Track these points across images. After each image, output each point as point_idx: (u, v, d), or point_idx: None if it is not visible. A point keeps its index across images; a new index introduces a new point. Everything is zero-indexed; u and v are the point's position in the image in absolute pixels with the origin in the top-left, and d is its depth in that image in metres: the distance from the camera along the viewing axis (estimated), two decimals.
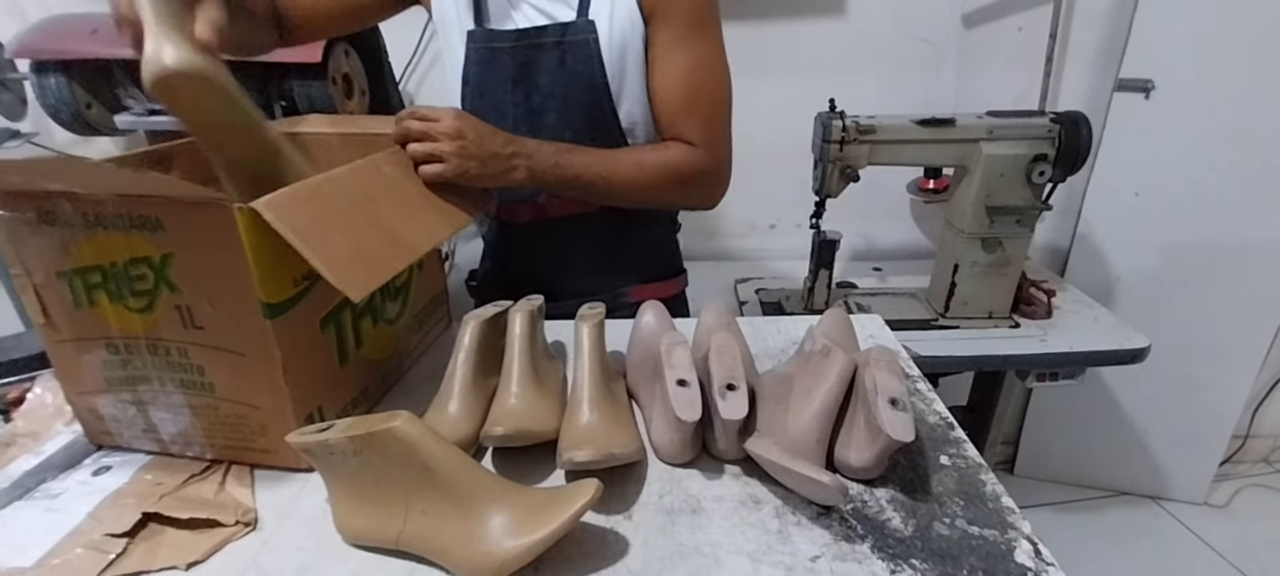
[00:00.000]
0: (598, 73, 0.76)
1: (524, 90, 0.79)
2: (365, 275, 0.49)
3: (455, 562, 0.44)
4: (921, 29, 1.44)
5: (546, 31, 0.77)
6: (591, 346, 0.59)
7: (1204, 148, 1.38)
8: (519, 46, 0.77)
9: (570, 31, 0.76)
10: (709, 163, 0.79)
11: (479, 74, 0.80)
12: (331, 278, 0.46)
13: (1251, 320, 1.49)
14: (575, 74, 0.77)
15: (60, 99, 1.09)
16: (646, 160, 0.77)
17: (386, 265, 0.52)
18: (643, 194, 0.78)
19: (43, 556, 0.45)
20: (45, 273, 0.50)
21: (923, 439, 0.58)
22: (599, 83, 0.77)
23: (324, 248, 0.47)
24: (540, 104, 0.79)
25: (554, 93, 0.78)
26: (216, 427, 0.54)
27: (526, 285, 0.88)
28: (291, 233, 0.45)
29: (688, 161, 0.78)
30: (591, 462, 0.49)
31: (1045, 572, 0.44)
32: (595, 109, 0.78)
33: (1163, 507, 1.70)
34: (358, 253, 0.50)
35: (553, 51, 0.77)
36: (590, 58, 0.76)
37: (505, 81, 0.79)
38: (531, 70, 0.78)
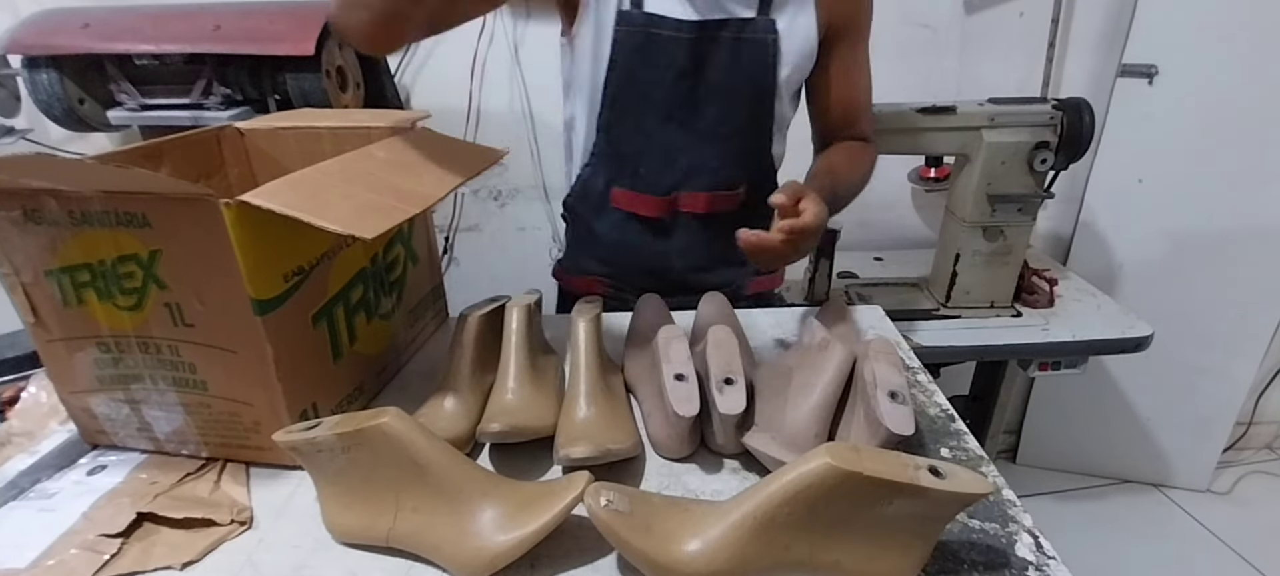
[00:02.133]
0: (769, 74, 0.77)
1: (690, 81, 0.77)
2: (374, 221, 0.46)
3: (446, 558, 0.44)
4: (922, 15, 1.42)
5: (727, 25, 0.75)
6: (588, 341, 0.58)
7: (1208, 134, 1.36)
8: (696, 38, 0.75)
9: (749, 29, 0.76)
10: (876, 152, 0.88)
11: (630, 59, 0.77)
12: (339, 228, 0.44)
13: (1255, 307, 1.48)
14: (748, 72, 0.77)
15: (52, 95, 1.08)
16: (858, 165, 0.82)
17: (397, 212, 0.49)
18: (856, 196, 0.82)
19: (37, 557, 0.45)
20: (33, 271, 0.50)
21: (923, 431, 0.57)
22: (768, 84, 0.78)
23: (325, 212, 0.45)
24: (704, 96, 0.78)
25: (723, 87, 0.78)
26: (210, 425, 0.53)
27: (651, 281, 0.86)
28: (285, 208, 0.44)
29: (873, 156, 0.86)
30: (589, 458, 0.49)
31: (1046, 566, 0.44)
32: (759, 106, 0.79)
33: (1166, 495, 1.70)
34: (362, 208, 0.48)
35: (728, 46, 0.76)
36: (765, 58, 0.76)
37: (667, 69, 0.76)
38: (703, 63, 0.77)
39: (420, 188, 0.55)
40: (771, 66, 0.77)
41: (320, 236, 0.53)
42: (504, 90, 1.43)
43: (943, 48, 1.44)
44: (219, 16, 1.04)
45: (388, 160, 0.59)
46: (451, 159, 0.63)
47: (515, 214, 1.57)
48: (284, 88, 1.07)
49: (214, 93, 1.08)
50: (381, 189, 0.53)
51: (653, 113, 0.79)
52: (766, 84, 0.78)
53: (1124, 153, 1.42)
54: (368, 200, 0.50)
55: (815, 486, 0.39)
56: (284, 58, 1.03)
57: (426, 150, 0.64)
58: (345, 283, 0.58)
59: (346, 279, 0.59)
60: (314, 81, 1.05)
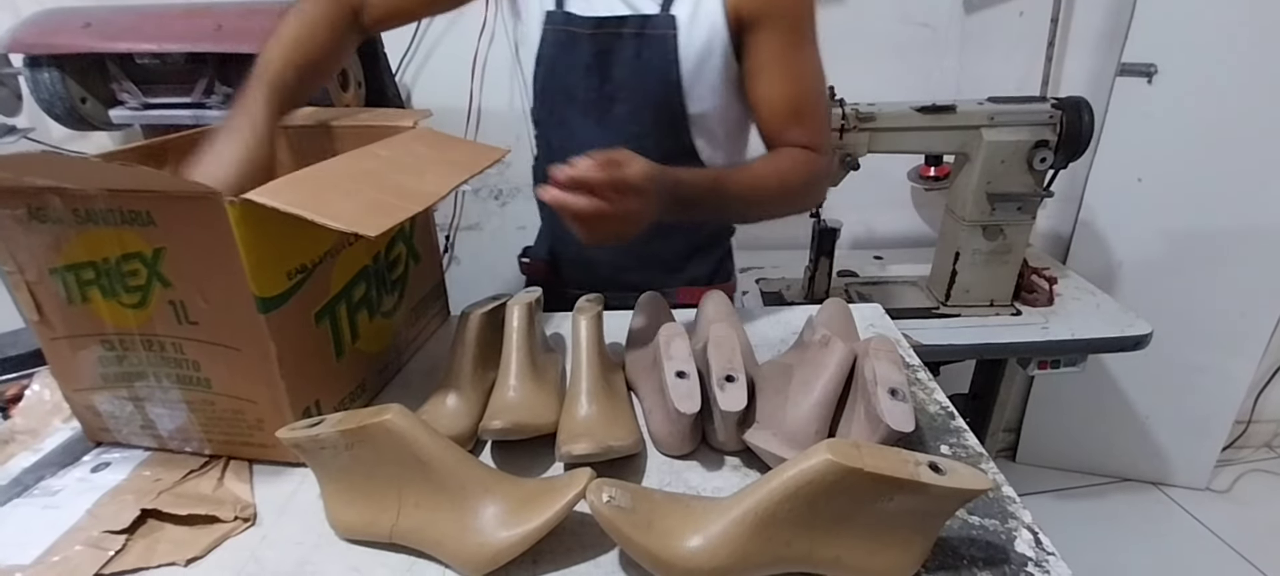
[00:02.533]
0: (672, 69, 0.76)
1: (598, 78, 0.78)
2: (378, 218, 0.47)
3: (449, 554, 0.44)
4: (922, 14, 1.42)
5: (626, 22, 0.76)
6: (589, 338, 0.59)
7: (1207, 133, 1.36)
8: (598, 34, 0.76)
9: (649, 25, 0.75)
10: (825, 165, 0.80)
11: (554, 56, 0.79)
12: (343, 226, 0.44)
13: (1254, 306, 1.48)
14: (650, 68, 0.76)
15: (54, 94, 1.08)
16: (785, 174, 0.76)
17: (400, 210, 0.49)
18: (781, 208, 0.77)
19: (42, 553, 0.45)
20: (37, 270, 0.50)
21: (923, 429, 0.58)
22: (672, 79, 0.76)
23: (328, 210, 0.45)
24: (612, 93, 0.78)
25: (627, 84, 0.78)
26: (213, 422, 0.53)
27: (583, 275, 0.88)
28: (289, 205, 0.44)
29: (813, 167, 0.77)
30: (590, 455, 0.49)
31: (1046, 562, 0.44)
32: (665, 105, 0.78)
33: (1165, 493, 1.70)
34: (366, 206, 0.48)
35: (630, 43, 0.76)
36: (666, 54, 0.75)
37: (579, 67, 0.78)
38: (607, 59, 0.77)
39: (423, 186, 0.55)
40: (673, 63, 0.75)
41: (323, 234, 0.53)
42: (504, 89, 1.44)
43: (942, 47, 1.45)
44: (220, 16, 1.04)
45: (390, 159, 0.59)
46: (453, 157, 0.63)
47: (516, 213, 1.57)
48: None
49: (216, 92, 1.08)
50: (384, 187, 0.53)
51: (573, 109, 0.80)
52: (671, 80, 0.76)
53: (1123, 152, 1.42)
54: (371, 198, 0.50)
55: (816, 482, 0.39)
56: None
57: (428, 149, 0.64)
58: (347, 281, 0.59)
59: (349, 277, 0.59)
60: None
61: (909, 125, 1.12)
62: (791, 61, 0.76)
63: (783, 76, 0.76)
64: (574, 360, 0.59)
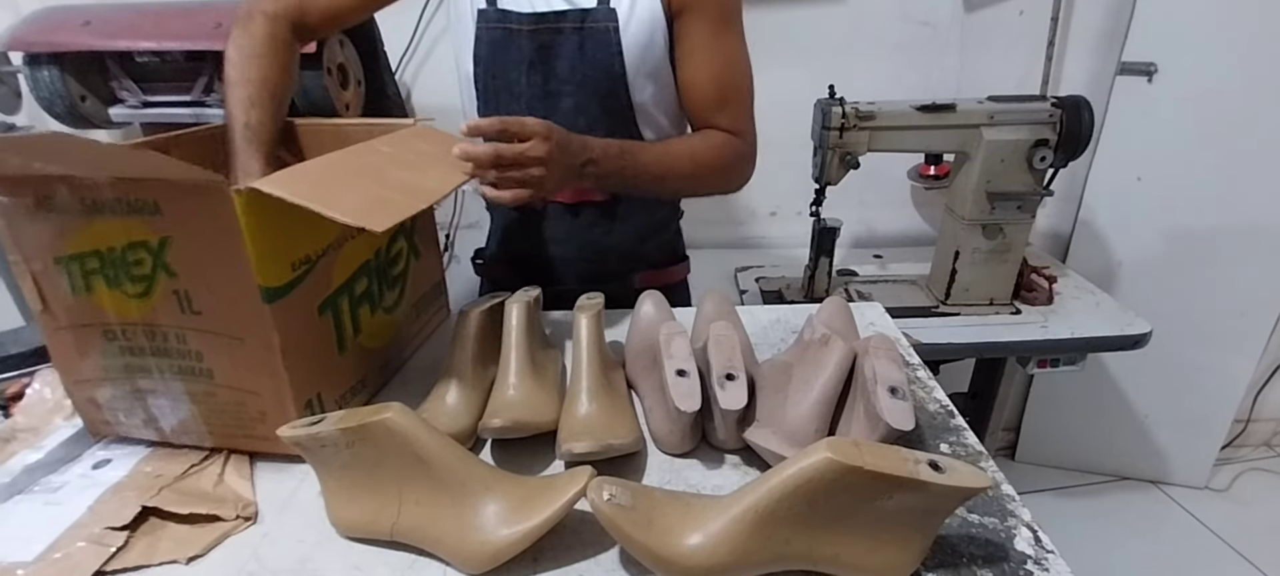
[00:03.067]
0: (616, 61, 0.77)
1: (541, 74, 0.78)
2: (384, 213, 0.47)
3: (450, 552, 0.44)
4: (922, 12, 1.42)
5: (566, 16, 0.76)
6: (590, 336, 0.59)
7: (1207, 132, 1.36)
8: (538, 30, 0.77)
9: (590, 18, 0.76)
10: (746, 149, 0.83)
11: (491, 54, 0.79)
12: (350, 220, 0.45)
13: (1253, 305, 1.48)
14: (594, 61, 0.77)
15: (54, 92, 1.08)
16: (698, 152, 0.79)
17: (405, 206, 0.50)
18: (694, 185, 0.81)
19: (44, 550, 0.45)
20: (43, 259, 0.50)
21: (923, 427, 0.58)
22: (617, 71, 0.77)
23: (334, 202, 0.46)
24: (557, 88, 0.79)
25: (572, 78, 0.78)
26: (215, 415, 0.54)
27: (534, 267, 0.88)
28: (296, 197, 0.44)
29: (731, 149, 0.81)
30: (591, 453, 0.49)
31: (1045, 560, 0.44)
32: (611, 96, 0.79)
33: (1164, 492, 1.70)
34: (371, 202, 0.49)
35: (572, 37, 0.76)
36: (609, 45, 0.76)
37: (520, 63, 0.78)
38: (549, 54, 0.78)
39: (425, 182, 0.55)
40: (617, 54, 0.76)
41: (327, 227, 0.53)
42: None
43: (943, 45, 1.45)
44: (220, 14, 1.04)
45: (393, 155, 0.59)
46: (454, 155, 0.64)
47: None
48: None
49: (215, 90, 1.08)
50: (388, 182, 0.53)
51: (516, 105, 0.80)
52: (615, 72, 0.77)
53: (1123, 151, 1.42)
54: (375, 193, 0.51)
55: (816, 480, 0.39)
56: None
57: (430, 146, 0.64)
58: (350, 274, 0.59)
59: (351, 270, 0.59)
60: (315, 79, 1.05)
61: (909, 124, 1.12)
62: (717, 48, 0.78)
63: (708, 61, 0.78)
64: (574, 358, 0.59)
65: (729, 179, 0.83)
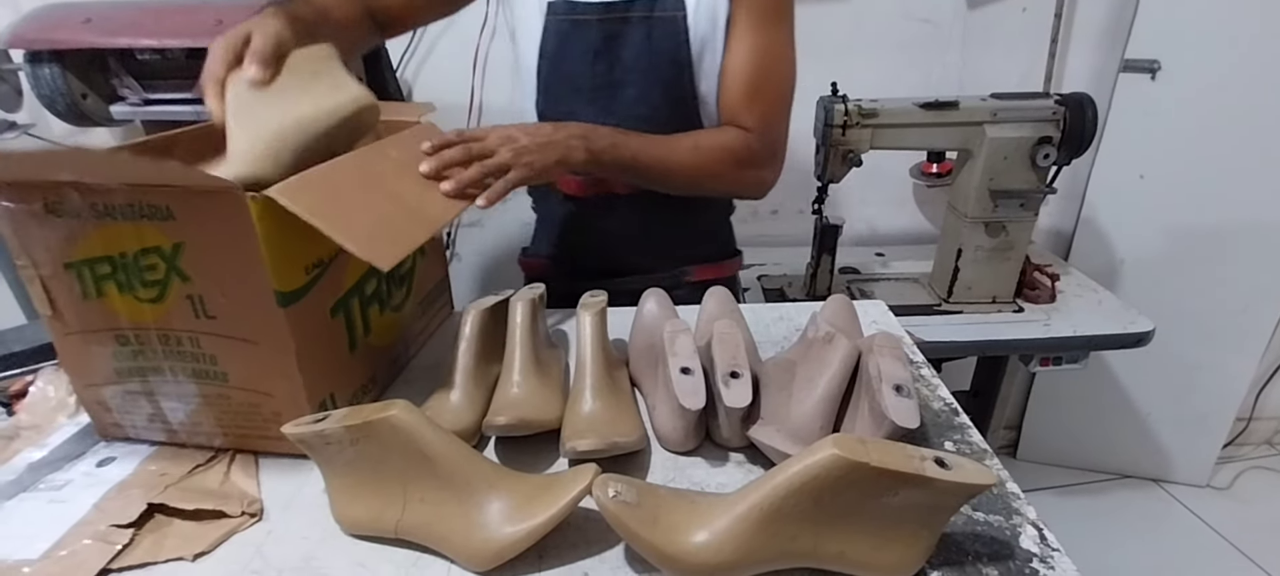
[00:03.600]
0: (683, 50, 0.77)
1: (606, 62, 0.79)
2: (390, 246, 0.48)
3: (454, 549, 0.44)
4: (924, 10, 1.42)
5: (635, 5, 0.77)
6: (593, 334, 0.59)
7: (1210, 129, 1.36)
8: (606, 19, 0.77)
9: (659, 7, 0.76)
10: (763, 151, 0.80)
11: (557, 47, 0.80)
12: (358, 251, 0.45)
13: (1256, 303, 1.48)
14: (660, 50, 0.77)
15: (55, 89, 1.08)
16: (703, 144, 0.77)
17: (410, 236, 0.51)
18: (697, 179, 0.78)
19: (49, 548, 0.45)
20: (52, 265, 0.50)
21: (927, 425, 0.58)
22: (683, 59, 0.77)
23: (345, 225, 0.46)
24: (621, 77, 0.79)
25: (637, 67, 0.78)
26: (229, 417, 0.54)
27: (586, 261, 0.89)
28: (310, 214, 0.44)
29: (743, 147, 0.78)
30: (595, 451, 0.49)
31: (1051, 558, 0.44)
32: (675, 85, 0.79)
33: (1166, 490, 1.70)
34: (379, 226, 0.49)
35: (639, 26, 0.77)
36: (676, 34, 0.76)
37: (586, 54, 0.78)
38: (616, 43, 0.78)
39: (431, 208, 0.56)
40: (684, 43, 0.77)
41: None
42: (506, 85, 1.43)
43: (945, 42, 1.44)
44: (221, 11, 1.04)
45: (400, 160, 0.59)
46: None
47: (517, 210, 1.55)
48: None
49: None
50: (396, 199, 0.54)
51: (578, 97, 0.80)
52: (681, 61, 0.77)
53: (1126, 148, 1.42)
54: (384, 215, 0.51)
55: (822, 477, 0.39)
56: None
57: None
58: (360, 275, 0.59)
59: (362, 271, 0.59)
60: None
61: (912, 121, 1.12)
62: (758, 39, 0.77)
63: (747, 52, 0.77)
64: (578, 356, 0.59)
65: (739, 179, 0.80)
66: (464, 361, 0.60)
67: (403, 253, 0.49)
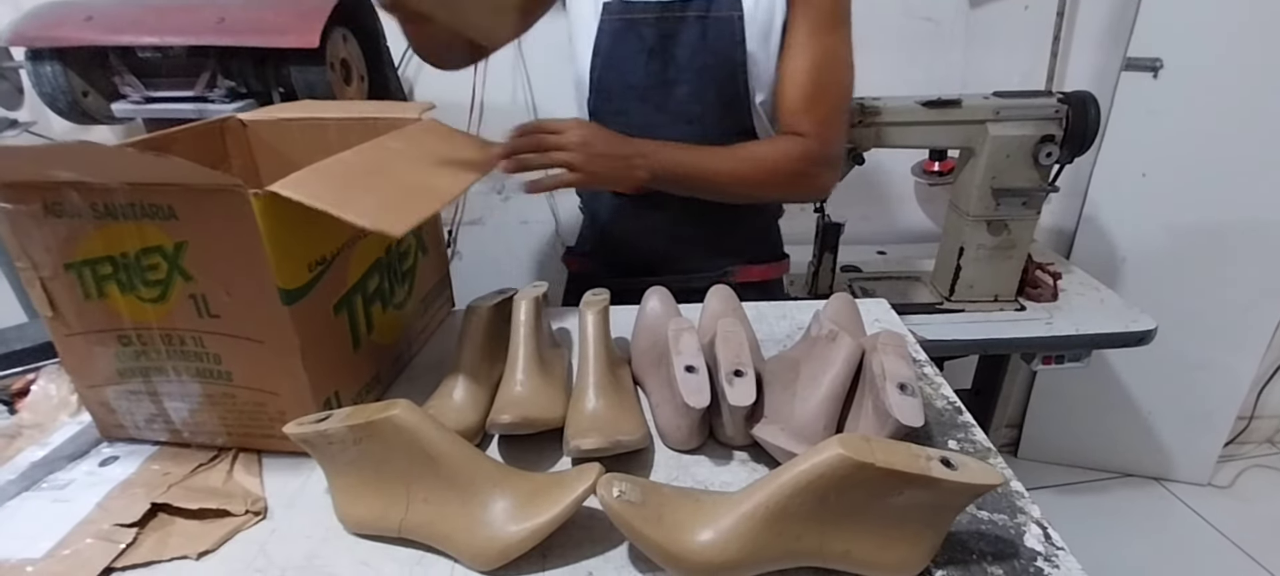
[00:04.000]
0: (738, 50, 0.77)
1: (660, 62, 0.79)
2: (400, 215, 0.48)
3: (458, 548, 0.44)
4: (927, 8, 1.41)
5: (691, 5, 0.77)
6: (596, 333, 0.59)
7: (1212, 128, 1.36)
8: (663, 18, 0.78)
9: (715, 7, 0.77)
10: (821, 156, 0.80)
11: (611, 46, 0.80)
12: (368, 224, 0.45)
13: (1257, 301, 1.48)
14: (715, 49, 0.78)
15: (56, 87, 1.08)
16: (760, 155, 0.78)
17: (419, 208, 0.50)
18: (756, 190, 0.80)
19: (52, 547, 0.45)
20: (52, 266, 0.49)
21: (930, 424, 0.58)
22: (738, 60, 0.78)
23: (352, 205, 0.46)
24: (675, 76, 0.80)
25: (691, 66, 0.79)
26: (233, 415, 0.53)
27: (634, 259, 0.89)
28: (315, 200, 0.44)
29: (801, 154, 0.79)
30: (599, 450, 0.49)
31: (1055, 557, 0.44)
32: (729, 85, 0.79)
33: (1167, 489, 1.70)
34: (387, 203, 0.49)
35: (695, 26, 0.77)
36: (732, 34, 0.77)
37: (640, 53, 0.79)
38: (670, 43, 0.79)
39: (438, 182, 0.55)
40: (739, 44, 0.77)
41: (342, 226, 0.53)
42: (507, 83, 1.43)
43: (947, 41, 1.44)
44: (223, 9, 1.03)
45: (403, 152, 0.59)
46: (463, 152, 0.64)
47: (518, 207, 1.57)
48: (288, 80, 1.07)
49: (218, 85, 1.07)
50: (401, 183, 0.53)
51: (631, 95, 0.81)
52: (735, 61, 0.78)
53: (1128, 147, 1.42)
54: (391, 194, 0.51)
55: (827, 476, 0.39)
56: (288, 50, 1.02)
57: (438, 142, 0.64)
58: (363, 272, 0.59)
59: (364, 268, 0.59)
60: (318, 74, 1.05)
61: (914, 120, 1.12)
62: (817, 43, 0.78)
63: (808, 58, 0.78)
64: (582, 354, 0.58)
65: (799, 185, 0.81)
66: (468, 359, 0.60)
67: (413, 221, 0.48)
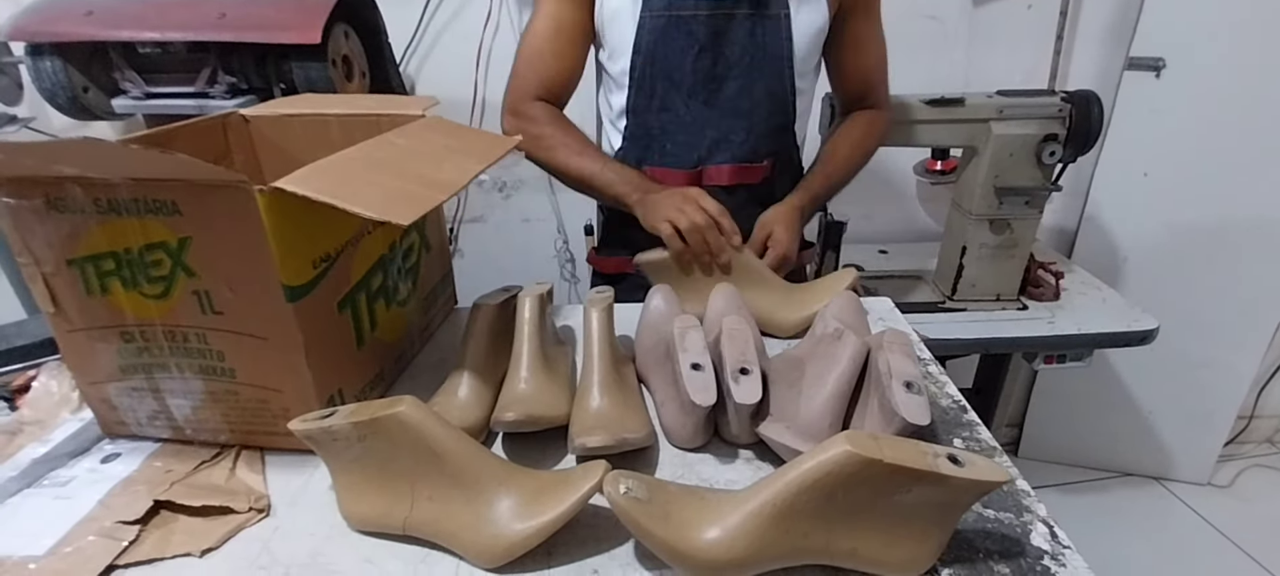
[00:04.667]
0: (786, 45, 0.82)
1: (710, 58, 0.82)
2: (408, 207, 0.47)
3: (463, 546, 0.44)
4: (930, 7, 1.41)
5: (742, 4, 0.80)
6: (601, 330, 0.58)
7: (1215, 127, 1.36)
8: (714, 15, 0.80)
9: (763, 5, 0.81)
10: (889, 117, 0.97)
11: (654, 43, 0.82)
12: (374, 215, 0.44)
13: (1258, 301, 1.48)
14: (765, 46, 0.82)
15: (56, 83, 1.07)
16: (863, 141, 0.92)
17: (425, 199, 0.50)
18: (862, 166, 0.93)
19: (55, 544, 0.45)
20: (55, 261, 0.49)
21: (935, 422, 0.58)
22: (785, 55, 0.83)
23: (358, 198, 0.45)
24: (723, 72, 0.83)
25: (740, 62, 0.82)
26: (237, 413, 0.53)
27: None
28: (320, 194, 0.44)
29: (885, 124, 0.96)
30: (604, 447, 0.49)
31: (1062, 555, 0.44)
32: (776, 79, 0.84)
33: (1167, 488, 1.70)
34: (392, 196, 0.49)
35: (744, 22, 0.81)
36: (780, 32, 0.81)
37: (689, 49, 0.81)
38: (721, 39, 0.82)
39: (442, 174, 0.55)
40: (786, 41, 0.82)
41: (346, 223, 0.53)
42: None
43: (950, 39, 1.44)
44: (224, 4, 1.03)
45: (407, 147, 0.59)
46: (468, 146, 0.63)
47: (520, 205, 1.57)
48: (289, 76, 1.06)
49: (219, 81, 1.07)
50: (405, 175, 0.53)
51: (676, 91, 0.84)
52: (783, 56, 0.83)
53: (1130, 146, 1.42)
54: (395, 187, 0.50)
55: (834, 474, 0.39)
56: (289, 46, 1.02)
57: (443, 137, 0.64)
58: (367, 269, 0.59)
59: (368, 265, 0.59)
60: (320, 70, 1.05)
61: (917, 118, 1.11)
62: (873, 35, 0.89)
63: (864, 50, 0.90)
64: (586, 352, 0.58)
65: (877, 147, 0.95)
66: (472, 357, 0.60)
67: (419, 211, 0.48)
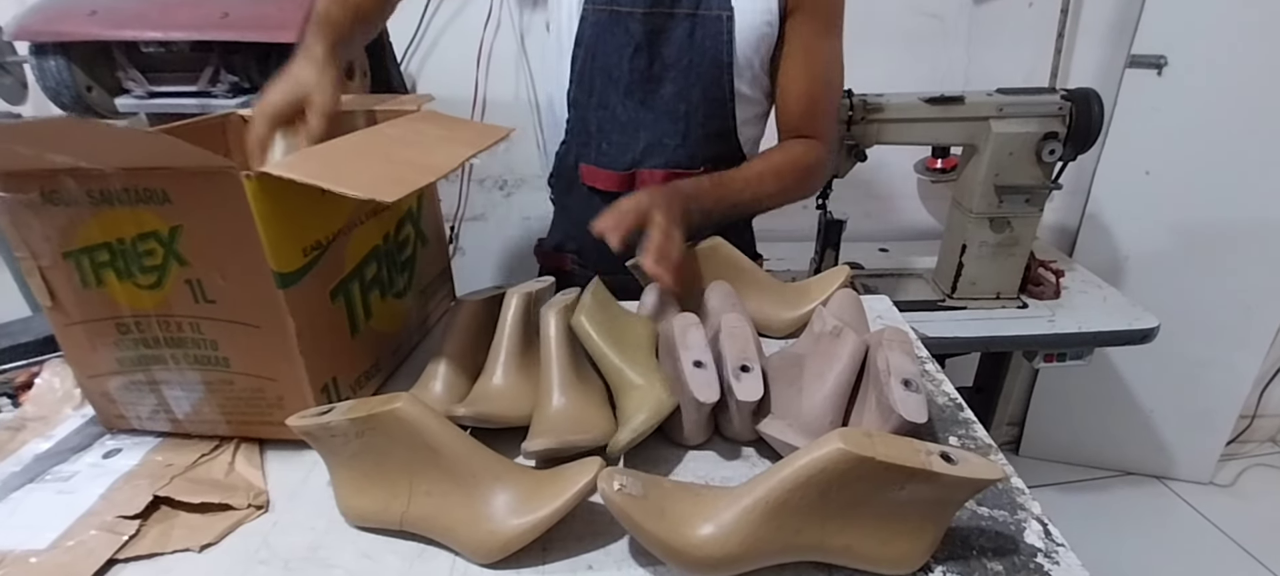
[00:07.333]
0: (725, 50, 0.77)
1: (646, 58, 0.79)
2: (393, 186, 0.47)
3: (460, 541, 0.45)
4: (930, 4, 1.41)
5: (681, 3, 0.77)
6: (557, 333, 0.57)
7: (1216, 126, 1.35)
8: (651, 14, 0.77)
9: (704, 6, 0.77)
10: (826, 155, 0.84)
11: (595, 38, 0.80)
12: (360, 193, 0.44)
13: (1260, 300, 1.48)
14: (703, 49, 0.78)
15: (60, 82, 1.08)
16: (782, 169, 0.81)
17: (412, 180, 0.50)
18: (782, 199, 0.83)
19: (56, 538, 0.46)
20: (51, 254, 0.50)
21: (932, 420, 0.58)
22: (724, 60, 0.78)
23: (344, 179, 0.45)
24: (660, 73, 0.80)
25: (677, 65, 0.79)
26: (232, 403, 0.54)
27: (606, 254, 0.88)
28: (307, 177, 0.44)
29: (815, 159, 0.83)
30: (547, 451, 0.49)
31: (1055, 553, 0.44)
32: (715, 85, 0.80)
33: (1168, 487, 1.70)
34: (379, 177, 0.49)
35: (683, 23, 0.78)
36: (720, 35, 0.77)
37: (625, 47, 0.79)
38: (657, 39, 0.78)
39: (432, 159, 0.55)
40: (727, 44, 0.77)
41: (336, 211, 0.53)
42: (510, 79, 1.43)
43: (951, 37, 1.43)
44: (226, 4, 1.03)
45: (399, 137, 0.59)
46: (460, 135, 0.64)
47: (520, 203, 1.57)
48: None
49: (222, 80, 1.08)
50: (395, 160, 0.53)
51: (614, 89, 0.81)
52: (722, 61, 0.78)
53: (1131, 144, 1.41)
54: (383, 170, 0.51)
55: (828, 471, 0.39)
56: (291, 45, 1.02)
57: (436, 128, 0.64)
58: (360, 259, 0.59)
59: (361, 255, 0.59)
60: None
61: (917, 116, 1.11)
62: (818, 52, 0.80)
63: (808, 66, 0.80)
64: (543, 355, 0.56)
65: (809, 186, 0.85)
66: (451, 351, 0.60)
67: (405, 190, 0.48)
